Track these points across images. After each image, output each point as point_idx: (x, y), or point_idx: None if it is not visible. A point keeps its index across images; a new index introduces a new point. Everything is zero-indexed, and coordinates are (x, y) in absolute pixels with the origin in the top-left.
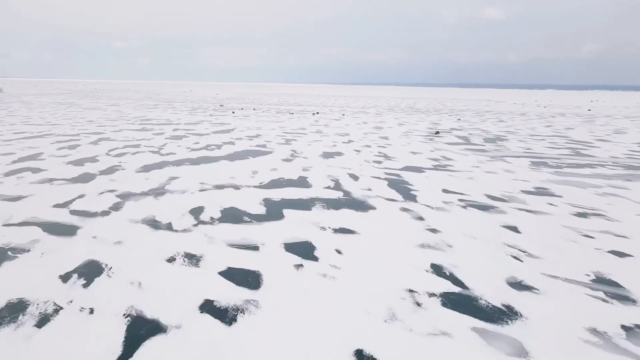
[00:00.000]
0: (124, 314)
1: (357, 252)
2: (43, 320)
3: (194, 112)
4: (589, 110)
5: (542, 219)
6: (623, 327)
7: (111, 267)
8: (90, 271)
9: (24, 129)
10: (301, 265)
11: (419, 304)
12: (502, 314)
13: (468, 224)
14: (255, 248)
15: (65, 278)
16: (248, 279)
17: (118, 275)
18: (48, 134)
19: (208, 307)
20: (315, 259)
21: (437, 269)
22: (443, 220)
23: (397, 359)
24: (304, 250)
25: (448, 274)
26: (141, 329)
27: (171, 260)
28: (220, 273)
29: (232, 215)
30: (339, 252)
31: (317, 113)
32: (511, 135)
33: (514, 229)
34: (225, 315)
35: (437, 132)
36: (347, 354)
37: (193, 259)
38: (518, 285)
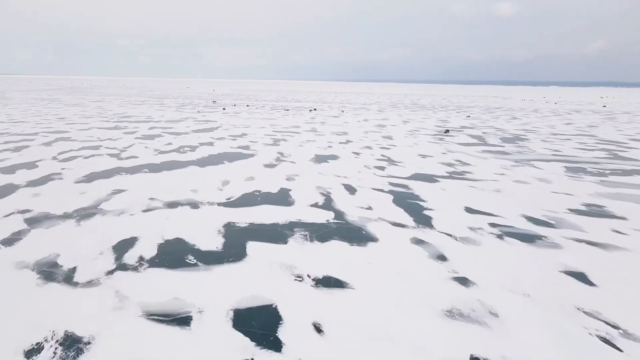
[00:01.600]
0: None
1: (348, 329)
2: None
3: (182, 109)
4: (604, 106)
5: (615, 258)
6: None
7: None
8: None
9: None
10: None
11: None
12: None
13: (512, 267)
14: (184, 321)
15: None
16: None
17: None
18: (1, 133)
19: None
20: (277, 346)
21: None
22: (474, 260)
23: None
24: (261, 324)
25: None
26: None
27: (29, 357)
28: None
29: (172, 254)
30: (318, 329)
31: (315, 110)
32: (531, 134)
33: (582, 277)
34: None
35: (447, 131)
36: None
37: (70, 350)
38: None
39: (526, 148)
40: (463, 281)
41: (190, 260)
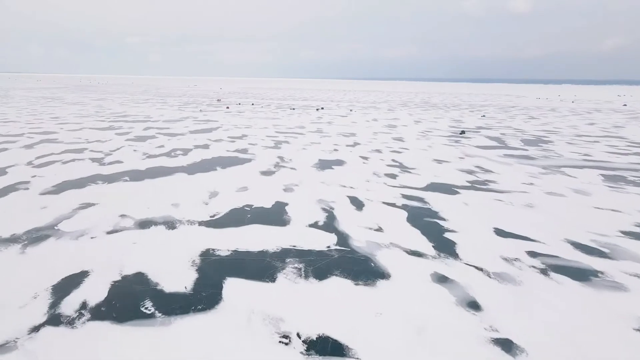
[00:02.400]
0: None
1: None
2: None
3: (183, 108)
4: (624, 105)
5: None
6: None
7: None
8: None
9: None
10: None
11: None
12: None
13: (570, 323)
14: None
15: None
16: None
17: None
18: None
19: None
20: None
21: None
22: (516, 310)
23: None
24: None
25: None
26: None
27: None
28: None
29: (125, 298)
30: None
31: (322, 108)
32: (553, 135)
33: None
34: None
35: (463, 132)
36: None
37: None
38: None
39: (552, 152)
40: (506, 346)
41: (147, 309)
